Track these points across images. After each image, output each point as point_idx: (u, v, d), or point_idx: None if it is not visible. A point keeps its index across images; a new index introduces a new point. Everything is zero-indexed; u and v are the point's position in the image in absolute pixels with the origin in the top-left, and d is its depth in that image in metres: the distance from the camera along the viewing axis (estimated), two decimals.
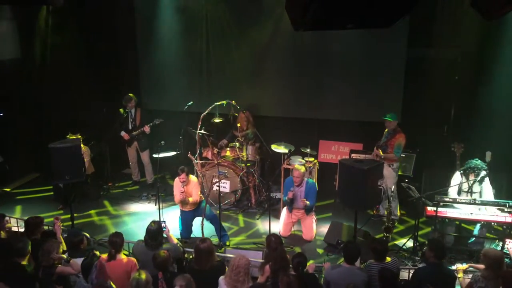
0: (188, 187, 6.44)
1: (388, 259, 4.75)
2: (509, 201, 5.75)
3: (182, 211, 6.63)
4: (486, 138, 6.86)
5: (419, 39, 7.53)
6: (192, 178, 6.61)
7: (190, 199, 6.40)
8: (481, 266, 4.56)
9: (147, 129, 8.07)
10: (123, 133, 8.30)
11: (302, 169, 6.57)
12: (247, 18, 8.45)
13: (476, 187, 6.11)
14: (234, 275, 4.24)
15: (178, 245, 5.45)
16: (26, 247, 4.74)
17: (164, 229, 5.35)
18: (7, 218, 5.94)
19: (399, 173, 7.18)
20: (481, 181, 6.08)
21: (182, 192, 6.35)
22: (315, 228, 6.75)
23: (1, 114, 8.74)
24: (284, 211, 6.79)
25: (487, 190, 6.08)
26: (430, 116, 7.57)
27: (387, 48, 7.71)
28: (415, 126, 7.46)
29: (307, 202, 6.47)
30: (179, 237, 6.53)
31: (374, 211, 7.31)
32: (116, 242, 4.76)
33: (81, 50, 8.87)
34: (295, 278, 4.10)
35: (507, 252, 5.27)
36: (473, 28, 6.90)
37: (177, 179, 6.47)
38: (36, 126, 8.99)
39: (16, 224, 6.50)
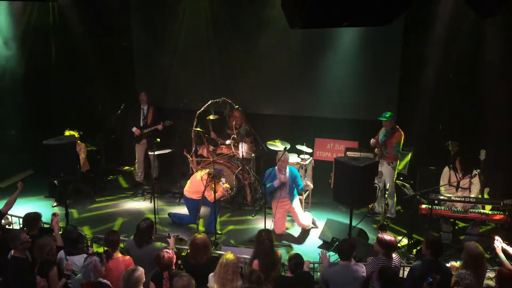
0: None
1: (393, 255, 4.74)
2: (503, 199, 5.77)
3: (188, 200, 6.76)
4: (481, 136, 6.89)
5: (415, 37, 7.54)
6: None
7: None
8: None
9: (160, 127, 8.14)
10: (134, 129, 8.29)
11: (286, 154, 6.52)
12: (245, 17, 8.45)
13: (464, 182, 6.10)
14: (222, 273, 4.22)
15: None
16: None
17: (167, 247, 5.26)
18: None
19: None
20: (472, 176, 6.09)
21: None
22: (304, 213, 6.81)
23: None
24: (275, 207, 6.73)
25: (476, 186, 6.11)
26: (425, 114, 7.58)
27: (382, 46, 7.73)
28: (410, 124, 7.48)
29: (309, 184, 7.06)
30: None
31: (369, 209, 7.33)
32: (113, 240, 4.71)
33: (77, 47, 8.81)
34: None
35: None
36: (468, 26, 6.92)
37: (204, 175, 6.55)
38: (32, 122, 8.92)
39: (11, 220, 6.47)
